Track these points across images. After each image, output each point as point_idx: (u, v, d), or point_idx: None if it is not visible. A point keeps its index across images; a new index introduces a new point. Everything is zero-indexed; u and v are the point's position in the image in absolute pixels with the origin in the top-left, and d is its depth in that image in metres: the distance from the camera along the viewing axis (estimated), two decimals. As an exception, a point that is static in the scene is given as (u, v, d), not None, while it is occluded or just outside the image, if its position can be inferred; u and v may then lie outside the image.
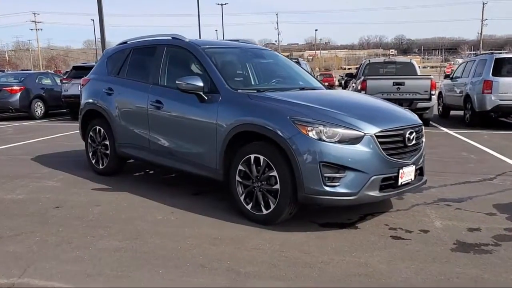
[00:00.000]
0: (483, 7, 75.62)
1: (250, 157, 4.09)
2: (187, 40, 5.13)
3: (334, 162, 3.70)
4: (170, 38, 5.31)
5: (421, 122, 4.36)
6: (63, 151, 8.05)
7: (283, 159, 3.85)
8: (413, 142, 4.11)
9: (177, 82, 4.53)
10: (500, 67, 11.26)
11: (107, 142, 5.82)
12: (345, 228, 4.04)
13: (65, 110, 15.10)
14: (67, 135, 10.48)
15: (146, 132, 5.21)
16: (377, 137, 3.80)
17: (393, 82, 11.24)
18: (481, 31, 77.94)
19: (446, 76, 14.64)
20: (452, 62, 74.74)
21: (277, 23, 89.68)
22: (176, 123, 4.83)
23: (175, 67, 5.17)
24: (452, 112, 13.95)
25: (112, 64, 5.98)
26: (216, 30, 70.84)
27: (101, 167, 5.99)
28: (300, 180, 3.75)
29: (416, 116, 4.47)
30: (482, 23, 76.79)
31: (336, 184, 3.73)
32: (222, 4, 52.73)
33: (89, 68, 14.27)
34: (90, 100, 6.05)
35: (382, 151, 3.82)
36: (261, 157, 3.99)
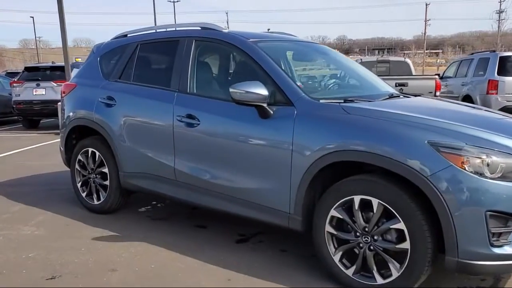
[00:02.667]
0: (426, 8, 77.90)
1: (352, 199, 2.79)
2: (226, 31, 3.74)
3: (504, 210, 2.47)
4: (199, 28, 3.90)
5: None
6: (29, 175, 6.32)
7: (416, 205, 2.58)
8: None
9: (231, 90, 3.14)
10: (505, 66, 10.56)
11: (106, 170, 4.31)
12: (494, 298, 2.82)
13: (16, 118, 12.98)
14: (25, 151, 8.64)
15: (170, 158, 3.76)
16: None
17: (396, 83, 10.31)
18: (425, 31, 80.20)
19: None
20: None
21: (227, 22, 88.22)
22: (221, 147, 3.43)
23: (212, 68, 3.78)
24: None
25: (109, 64, 4.47)
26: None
27: (96, 202, 4.46)
28: (452, 239, 2.49)
29: None
30: (425, 24, 79.04)
31: (504, 242, 2.50)
32: (174, 1, 50.70)
33: (44, 69, 12.44)
34: (79, 113, 4.50)
35: None
36: (375, 200, 2.70)
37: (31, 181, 6.00)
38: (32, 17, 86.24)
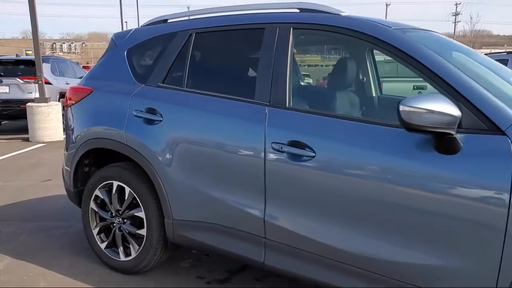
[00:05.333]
0: (386, 8, 79.15)
1: None
2: (345, 14, 2.52)
3: None
4: (297, 10, 2.65)
5: None
6: (7, 204, 4.77)
7: None
8: None
9: (402, 108, 1.92)
10: (527, 69, 9.82)
11: (141, 214, 2.98)
12: None
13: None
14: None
15: (257, 205, 2.50)
16: None
17: (414, 86, 9.38)
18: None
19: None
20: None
21: (188, 17, 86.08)
22: (358, 196, 2.20)
23: (326, 71, 2.53)
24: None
25: (143, 61, 3.14)
26: (126, 22, 64.55)
27: (124, 258, 3.12)
28: None
29: None
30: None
31: None
32: (136, -7, 48.33)
33: (7, 63, 10.62)
34: (100, 131, 3.13)
35: None
36: None
37: (13, 214, 4.46)
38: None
